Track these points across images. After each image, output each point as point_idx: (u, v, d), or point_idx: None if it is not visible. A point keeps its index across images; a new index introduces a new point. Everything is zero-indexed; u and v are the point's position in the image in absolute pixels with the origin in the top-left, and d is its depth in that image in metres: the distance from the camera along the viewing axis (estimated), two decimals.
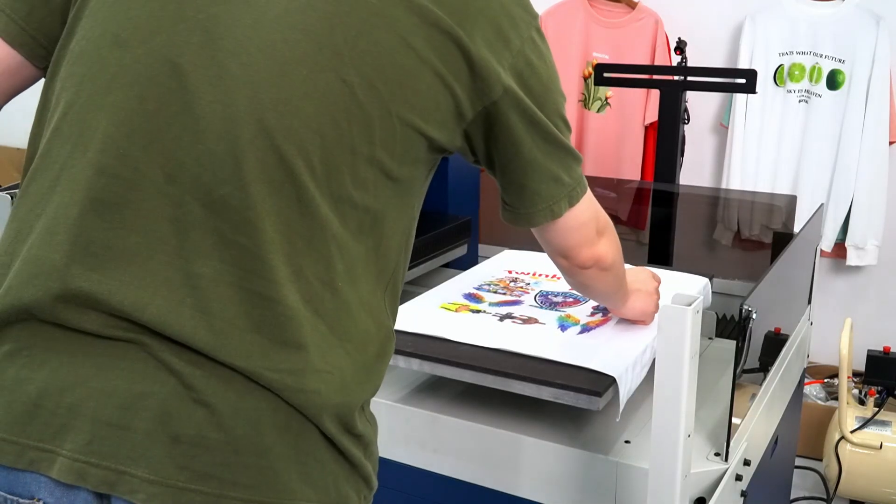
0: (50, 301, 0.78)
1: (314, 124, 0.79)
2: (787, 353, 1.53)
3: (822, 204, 1.99)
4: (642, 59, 2.99)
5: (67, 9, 0.86)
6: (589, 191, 1.00)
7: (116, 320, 0.78)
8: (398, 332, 1.29)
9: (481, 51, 0.84)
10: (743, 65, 2.87)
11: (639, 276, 1.33)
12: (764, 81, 2.82)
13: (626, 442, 1.19)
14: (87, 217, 0.78)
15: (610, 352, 1.22)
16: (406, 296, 1.50)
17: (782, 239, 1.71)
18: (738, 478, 1.16)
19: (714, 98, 3.05)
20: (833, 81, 2.80)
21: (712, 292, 1.54)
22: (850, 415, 2.38)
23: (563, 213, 0.96)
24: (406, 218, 0.91)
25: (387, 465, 1.30)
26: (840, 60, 2.78)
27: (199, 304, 0.77)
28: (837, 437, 2.37)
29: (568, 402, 1.14)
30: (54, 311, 0.78)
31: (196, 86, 0.78)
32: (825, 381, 2.83)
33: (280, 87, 0.79)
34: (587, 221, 1.01)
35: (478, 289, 1.51)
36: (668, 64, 2.97)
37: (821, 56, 2.80)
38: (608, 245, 1.06)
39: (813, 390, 2.79)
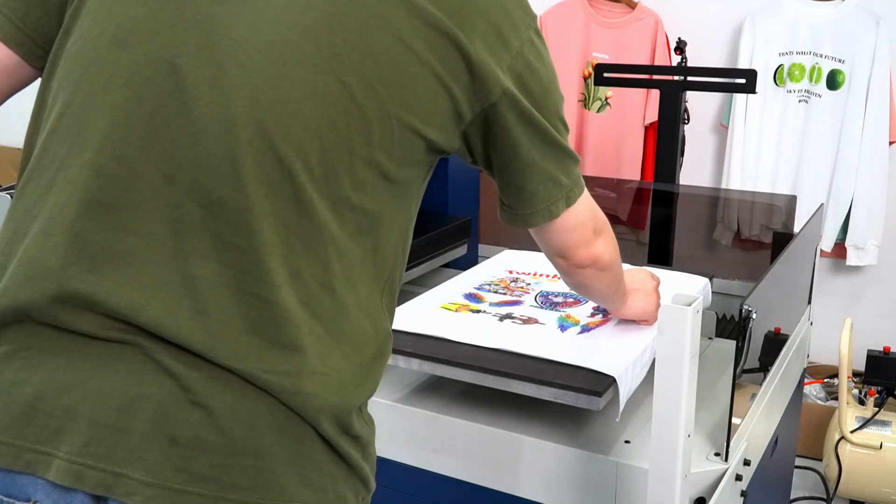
0: (46, 302, 0.77)
1: (312, 126, 0.79)
2: (787, 353, 1.53)
3: (822, 204, 1.99)
4: (642, 59, 2.99)
5: (64, 8, 0.86)
6: (586, 191, 1.00)
7: (113, 322, 0.77)
8: (398, 332, 1.29)
9: (480, 53, 0.84)
10: (743, 65, 2.87)
11: (637, 276, 1.33)
12: (764, 81, 2.82)
13: (626, 442, 1.19)
14: (83, 218, 0.78)
15: (610, 352, 1.22)
16: (406, 296, 1.50)
17: (782, 239, 1.71)
18: (738, 478, 1.16)
19: (714, 98, 3.05)
20: (833, 81, 2.80)
21: (712, 292, 1.54)
22: (850, 415, 2.38)
23: (561, 213, 0.96)
24: (404, 219, 0.91)
25: (387, 465, 1.30)
26: (840, 60, 2.78)
27: (196, 306, 0.77)
28: (837, 437, 2.37)
29: (568, 402, 1.14)
30: (51, 313, 0.78)
31: (194, 87, 0.78)
32: (825, 381, 2.83)
33: (278, 89, 0.78)
34: (585, 221, 1.01)
35: (478, 289, 1.51)
36: (668, 64, 2.97)
37: (821, 56, 2.80)
38: (606, 245, 1.05)
39: (813, 390, 2.79)
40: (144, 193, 0.78)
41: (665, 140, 2.11)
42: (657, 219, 2.14)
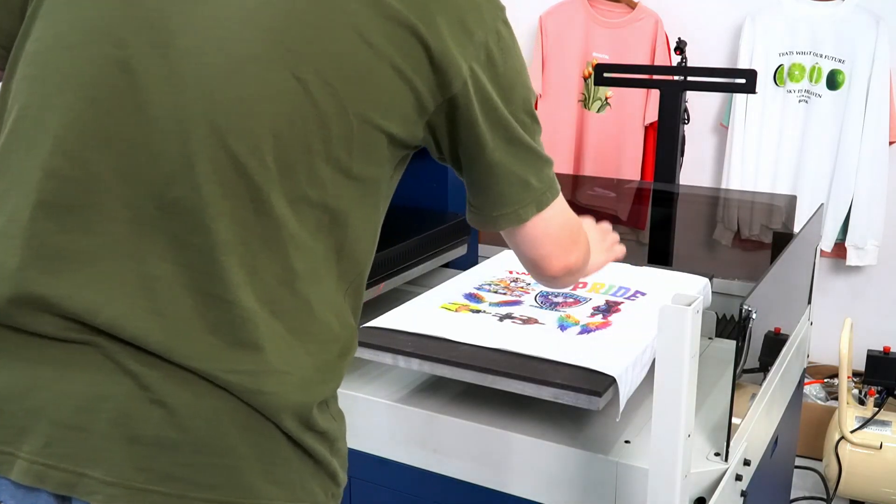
0: (4, 305, 0.77)
1: (268, 123, 0.78)
2: (787, 353, 1.53)
3: (822, 204, 1.99)
4: (642, 59, 2.99)
5: (25, 8, 0.85)
6: (561, 196, 0.97)
7: (71, 323, 0.77)
8: (398, 332, 1.30)
9: (442, 43, 0.82)
10: (743, 65, 2.87)
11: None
12: (764, 81, 2.82)
13: (626, 442, 1.19)
14: (39, 220, 0.78)
15: (610, 352, 1.22)
16: (406, 296, 1.50)
17: (782, 239, 1.71)
18: (738, 478, 1.16)
19: (714, 98, 3.05)
20: (833, 81, 2.80)
21: (712, 292, 1.54)
22: (850, 415, 2.38)
23: (530, 218, 0.93)
24: (373, 217, 0.89)
25: (387, 465, 1.30)
26: (840, 60, 2.78)
27: (153, 307, 0.77)
28: (837, 437, 2.37)
29: (568, 402, 1.14)
30: (10, 315, 0.78)
31: (147, 86, 0.77)
32: (825, 381, 2.83)
33: (232, 87, 0.77)
34: (558, 229, 0.97)
35: (478, 289, 1.51)
36: (668, 64, 2.98)
37: (821, 56, 2.80)
38: (580, 254, 1.01)
39: (813, 390, 2.79)
40: (100, 194, 0.78)
41: (665, 140, 2.11)
42: (657, 219, 2.14)
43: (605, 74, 2.22)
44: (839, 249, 2.89)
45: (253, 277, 0.79)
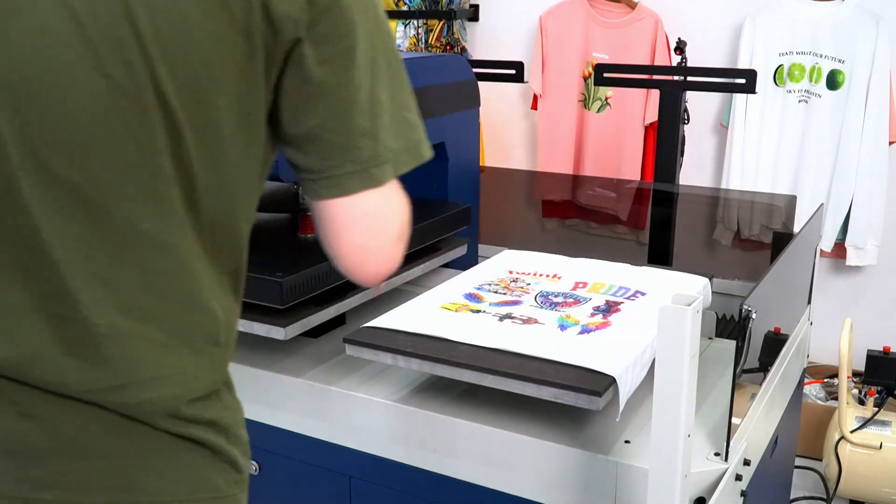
0: None
1: (84, 131, 0.74)
2: (787, 353, 1.53)
3: (821, 204, 1.99)
4: (642, 59, 2.99)
5: None
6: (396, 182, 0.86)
7: None
8: (398, 332, 1.30)
9: None
10: (743, 65, 2.87)
11: None
12: (764, 81, 2.82)
13: (626, 442, 1.19)
14: None
15: (610, 352, 1.22)
16: (406, 296, 1.50)
17: (782, 239, 1.71)
18: (738, 478, 1.16)
19: (714, 98, 3.06)
20: (833, 81, 2.81)
21: (712, 292, 1.54)
22: (849, 415, 2.38)
23: (388, 180, 0.83)
24: (244, 192, 0.84)
25: (387, 465, 1.30)
26: (840, 60, 2.79)
27: (8, 337, 0.76)
28: (837, 437, 2.38)
29: (568, 402, 1.14)
30: None
31: None
32: (825, 381, 2.84)
33: (40, 101, 0.73)
34: (396, 210, 0.87)
35: (478, 289, 1.51)
36: (668, 64, 2.98)
37: (820, 56, 2.81)
38: (403, 249, 0.91)
39: (813, 390, 2.80)
40: None
41: (665, 140, 2.11)
42: (657, 219, 2.14)
43: (605, 74, 2.22)
44: (839, 249, 2.90)
45: (108, 290, 0.76)
